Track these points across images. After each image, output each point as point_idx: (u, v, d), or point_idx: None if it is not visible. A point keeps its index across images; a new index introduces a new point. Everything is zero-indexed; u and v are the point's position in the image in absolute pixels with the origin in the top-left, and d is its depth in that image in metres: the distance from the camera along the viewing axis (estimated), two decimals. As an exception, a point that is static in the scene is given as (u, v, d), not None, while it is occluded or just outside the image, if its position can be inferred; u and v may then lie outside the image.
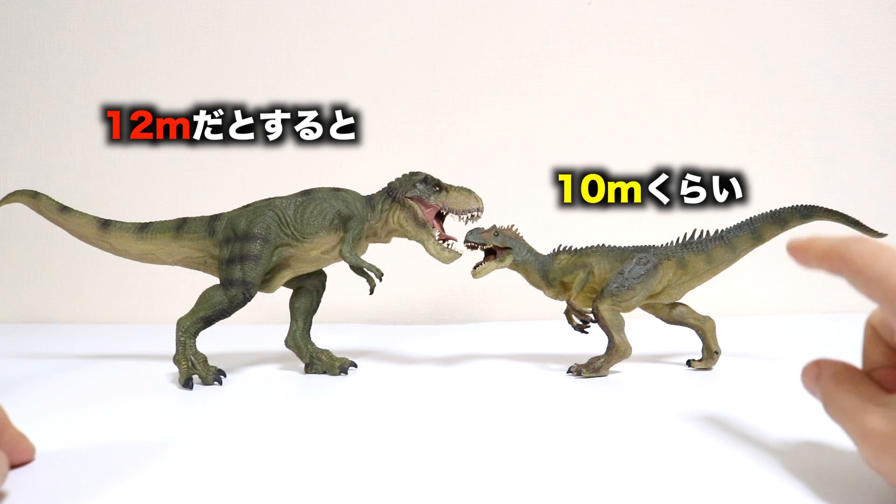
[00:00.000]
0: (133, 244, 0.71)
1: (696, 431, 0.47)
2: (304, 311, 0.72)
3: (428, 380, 0.66)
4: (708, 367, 0.70)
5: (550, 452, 0.43)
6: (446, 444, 0.45)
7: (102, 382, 0.67)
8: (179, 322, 0.65)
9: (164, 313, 1.09)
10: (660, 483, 0.38)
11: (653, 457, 0.42)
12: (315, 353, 0.71)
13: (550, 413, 0.54)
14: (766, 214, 0.69)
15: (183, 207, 0.85)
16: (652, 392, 0.60)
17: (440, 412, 0.54)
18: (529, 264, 0.71)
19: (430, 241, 0.68)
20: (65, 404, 0.58)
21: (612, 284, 0.67)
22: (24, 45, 1.20)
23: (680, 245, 0.70)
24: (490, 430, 0.49)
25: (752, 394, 0.59)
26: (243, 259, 0.65)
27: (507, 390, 0.62)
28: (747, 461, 0.41)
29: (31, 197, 0.73)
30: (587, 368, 0.67)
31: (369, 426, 0.51)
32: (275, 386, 0.65)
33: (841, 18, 1.15)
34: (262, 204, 0.69)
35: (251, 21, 1.18)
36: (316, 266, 0.71)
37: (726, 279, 0.76)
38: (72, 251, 1.10)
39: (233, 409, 0.56)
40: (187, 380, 0.63)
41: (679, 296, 0.70)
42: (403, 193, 0.69)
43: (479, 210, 0.69)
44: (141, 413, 0.55)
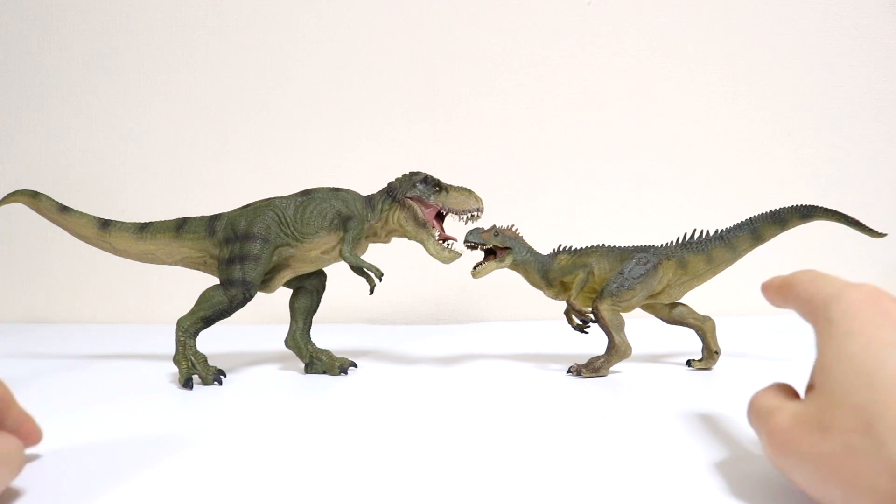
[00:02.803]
0: (133, 244, 0.71)
1: (696, 431, 0.47)
2: (304, 311, 0.72)
3: (428, 380, 0.66)
4: (708, 367, 0.70)
5: (550, 452, 0.43)
6: (446, 445, 0.45)
7: (102, 382, 0.67)
8: (179, 322, 0.65)
9: (164, 313, 1.10)
10: (660, 483, 0.38)
11: (653, 457, 0.42)
12: (315, 353, 0.71)
13: (550, 413, 0.54)
14: (766, 214, 0.69)
15: (183, 207, 0.85)
16: (652, 392, 0.60)
17: (440, 412, 0.54)
18: (529, 264, 0.71)
19: (430, 241, 0.68)
20: (65, 404, 0.58)
21: (612, 284, 0.67)
22: (24, 44, 1.20)
23: (680, 245, 0.70)
24: (490, 430, 0.49)
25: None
26: (243, 259, 0.65)
27: (507, 390, 0.62)
28: (747, 461, 0.41)
29: (31, 197, 0.73)
30: (587, 368, 0.67)
31: (369, 426, 0.50)
32: (275, 386, 0.65)
33: (841, 18, 1.15)
34: (262, 204, 0.69)
35: (251, 21, 1.18)
36: (316, 266, 0.71)
37: (726, 279, 0.76)
38: (72, 251, 1.10)
39: (233, 409, 0.56)
40: (187, 380, 0.63)
41: (679, 296, 0.70)
42: (403, 193, 0.69)
43: (479, 210, 0.69)
44: (141, 413, 0.55)
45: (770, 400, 0.36)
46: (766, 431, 0.34)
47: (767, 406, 0.35)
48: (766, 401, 0.36)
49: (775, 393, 0.36)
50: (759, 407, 0.36)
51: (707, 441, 0.45)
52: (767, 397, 0.36)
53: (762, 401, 0.36)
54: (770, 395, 0.36)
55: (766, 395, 0.37)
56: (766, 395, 0.37)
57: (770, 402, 0.35)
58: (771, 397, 0.36)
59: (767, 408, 0.35)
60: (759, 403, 0.36)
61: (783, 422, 0.33)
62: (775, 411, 0.34)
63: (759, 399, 0.37)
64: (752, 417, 0.36)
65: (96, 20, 1.19)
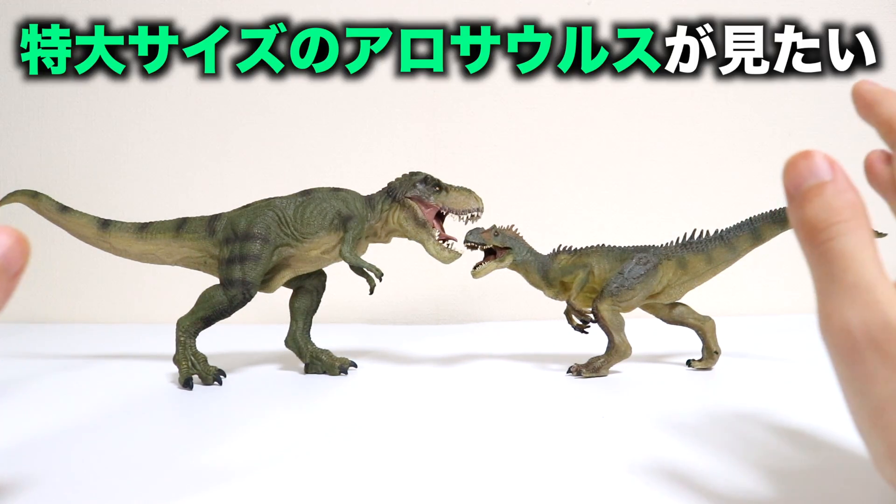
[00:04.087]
0: (133, 244, 0.71)
1: (696, 431, 0.47)
2: (304, 311, 0.72)
3: (428, 380, 0.66)
4: (708, 367, 0.70)
5: (550, 452, 0.43)
6: (446, 444, 0.45)
7: (102, 382, 0.67)
8: (179, 322, 0.65)
9: (164, 313, 1.09)
10: (660, 483, 0.38)
11: (653, 457, 0.42)
12: (315, 353, 0.71)
13: (550, 413, 0.54)
14: (766, 214, 0.69)
15: (183, 207, 0.85)
16: (652, 392, 0.60)
17: (440, 412, 0.54)
18: (529, 264, 0.71)
19: (430, 241, 0.68)
20: (64, 404, 0.58)
21: (612, 284, 0.67)
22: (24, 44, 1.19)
23: (680, 245, 0.70)
24: (490, 430, 0.49)
25: (752, 394, 0.59)
26: (243, 259, 0.65)
27: (507, 390, 0.62)
28: (747, 461, 0.41)
29: (31, 197, 0.73)
30: (587, 368, 0.67)
31: (369, 426, 0.50)
32: (275, 386, 0.65)
33: (841, 18, 1.15)
34: (261, 204, 0.69)
35: (251, 21, 1.17)
36: (316, 266, 0.71)
37: (726, 279, 0.76)
38: (72, 251, 1.10)
39: (233, 409, 0.56)
40: (187, 380, 0.63)
41: (679, 296, 0.70)
42: (403, 193, 0.69)
43: (479, 210, 0.69)
44: (141, 413, 0.55)
45: (882, 282, 0.23)
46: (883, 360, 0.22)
47: (884, 299, 0.22)
48: (878, 280, 0.23)
49: (881, 273, 0.23)
50: (866, 286, 0.23)
51: (707, 441, 0.45)
52: (876, 270, 0.23)
53: (873, 275, 0.23)
54: (878, 267, 0.24)
55: (874, 260, 0.24)
56: (874, 260, 0.24)
57: (884, 294, 0.23)
58: (880, 274, 0.23)
59: (883, 304, 0.22)
60: (868, 275, 0.23)
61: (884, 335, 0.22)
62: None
63: (865, 263, 0.24)
64: (843, 281, 0.23)
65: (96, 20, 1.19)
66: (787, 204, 0.27)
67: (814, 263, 0.26)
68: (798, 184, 0.26)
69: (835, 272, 0.24)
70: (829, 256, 0.25)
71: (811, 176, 0.26)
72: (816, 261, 0.26)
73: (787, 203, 0.27)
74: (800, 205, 0.26)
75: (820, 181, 0.26)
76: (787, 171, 0.27)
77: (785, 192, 0.27)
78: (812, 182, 0.26)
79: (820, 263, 0.25)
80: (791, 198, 0.27)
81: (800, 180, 0.26)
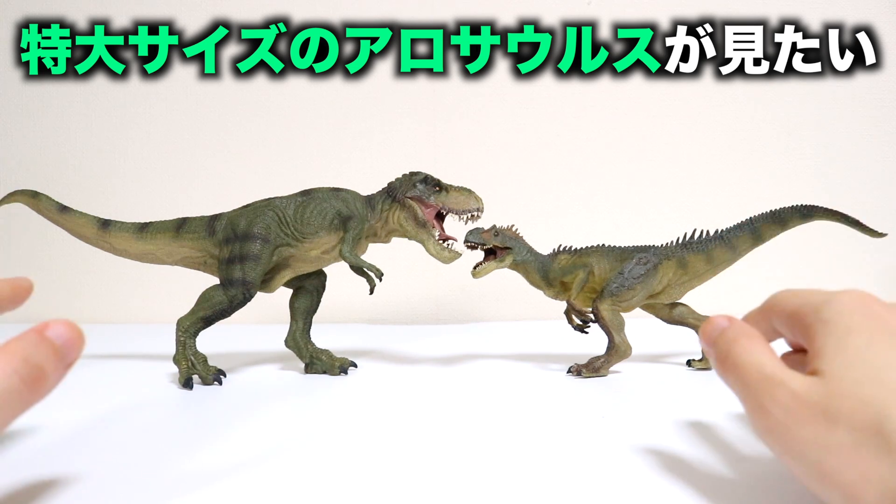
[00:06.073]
0: (133, 244, 0.71)
1: (696, 432, 0.47)
2: (304, 311, 0.72)
3: (428, 380, 0.66)
4: (708, 367, 0.70)
5: (550, 452, 0.43)
6: (446, 444, 0.45)
7: (102, 382, 0.67)
8: (179, 322, 0.65)
9: (164, 313, 1.09)
10: (659, 483, 0.38)
11: (652, 457, 0.42)
12: (315, 353, 0.71)
13: (550, 413, 0.54)
14: (766, 214, 0.69)
15: (183, 207, 0.85)
16: (652, 392, 0.60)
17: (440, 412, 0.54)
18: (529, 264, 0.71)
19: (430, 241, 0.68)
20: (65, 404, 0.58)
21: (612, 284, 0.67)
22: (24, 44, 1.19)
23: (680, 245, 0.70)
24: (490, 430, 0.49)
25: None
26: (243, 259, 0.65)
27: (507, 390, 0.62)
28: (747, 461, 0.41)
29: (31, 197, 0.73)
30: (587, 368, 0.67)
31: (369, 426, 0.50)
32: (275, 386, 0.65)
33: (841, 18, 1.15)
34: (261, 204, 0.69)
35: (251, 21, 1.17)
36: (316, 266, 0.71)
37: (726, 279, 0.76)
38: (72, 251, 1.10)
39: (233, 409, 0.56)
40: (187, 380, 0.63)
41: (679, 296, 0.70)
42: (403, 193, 0.69)
43: (479, 210, 0.69)
44: (140, 413, 0.55)
45: (769, 361, 0.32)
46: (763, 403, 0.31)
47: (769, 371, 0.31)
48: (765, 361, 0.32)
49: (771, 355, 0.33)
50: (756, 366, 0.32)
51: (707, 441, 0.45)
52: (765, 356, 0.32)
53: (761, 358, 0.32)
54: (767, 354, 0.33)
55: (762, 352, 0.33)
56: (762, 352, 0.33)
57: (771, 367, 0.31)
58: (768, 357, 0.32)
59: (769, 374, 0.31)
60: (755, 361, 0.32)
61: (785, 399, 0.30)
62: (779, 384, 0.30)
63: (753, 354, 0.33)
64: (744, 375, 0.33)
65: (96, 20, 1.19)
66: (709, 359, 0.36)
67: (733, 385, 0.34)
68: (709, 340, 0.36)
69: (747, 380, 0.32)
70: (736, 369, 0.33)
71: (714, 330, 0.36)
72: (733, 382, 0.34)
73: (708, 357, 0.37)
74: (713, 351, 0.36)
75: (721, 330, 0.36)
76: (700, 336, 0.38)
77: (704, 352, 0.35)
78: (716, 334, 0.36)
79: (735, 382, 0.34)
80: (709, 353, 0.36)
81: (709, 337, 0.36)
